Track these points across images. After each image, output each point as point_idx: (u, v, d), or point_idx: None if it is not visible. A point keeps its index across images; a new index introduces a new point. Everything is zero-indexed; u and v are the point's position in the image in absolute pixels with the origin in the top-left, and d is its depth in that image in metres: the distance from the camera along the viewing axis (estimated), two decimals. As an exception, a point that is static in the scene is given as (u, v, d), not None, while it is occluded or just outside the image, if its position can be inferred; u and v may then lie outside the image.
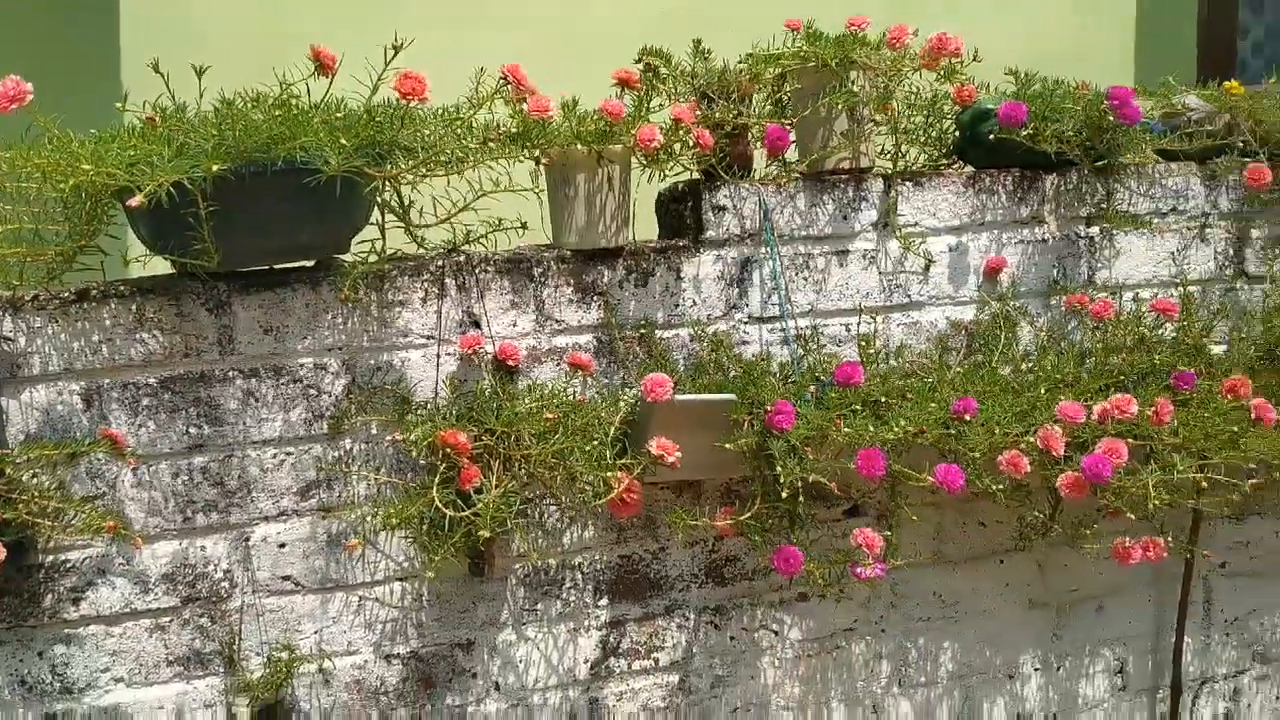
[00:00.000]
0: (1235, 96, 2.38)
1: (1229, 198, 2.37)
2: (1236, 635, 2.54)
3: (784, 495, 1.78)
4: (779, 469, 1.77)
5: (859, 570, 1.88)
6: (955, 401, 1.89)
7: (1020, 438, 1.87)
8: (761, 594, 2.13)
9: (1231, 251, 2.40)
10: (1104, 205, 2.27)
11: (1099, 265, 2.29)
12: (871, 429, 1.82)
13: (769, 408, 1.81)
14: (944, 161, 2.27)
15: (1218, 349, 2.30)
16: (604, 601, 2.03)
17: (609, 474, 1.76)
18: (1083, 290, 2.25)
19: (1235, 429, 1.96)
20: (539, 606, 1.99)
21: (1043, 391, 1.99)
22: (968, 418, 1.86)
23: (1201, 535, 2.42)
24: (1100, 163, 2.20)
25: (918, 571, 2.23)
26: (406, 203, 1.81)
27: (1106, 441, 1.86)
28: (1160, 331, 2.25)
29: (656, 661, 2.08)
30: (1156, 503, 1.86)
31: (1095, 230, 2.28)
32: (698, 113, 1.94)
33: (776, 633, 2.16)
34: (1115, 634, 2.43)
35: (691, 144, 1.87)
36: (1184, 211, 2.35)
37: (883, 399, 1.94)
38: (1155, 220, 2.32)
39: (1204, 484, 1.92)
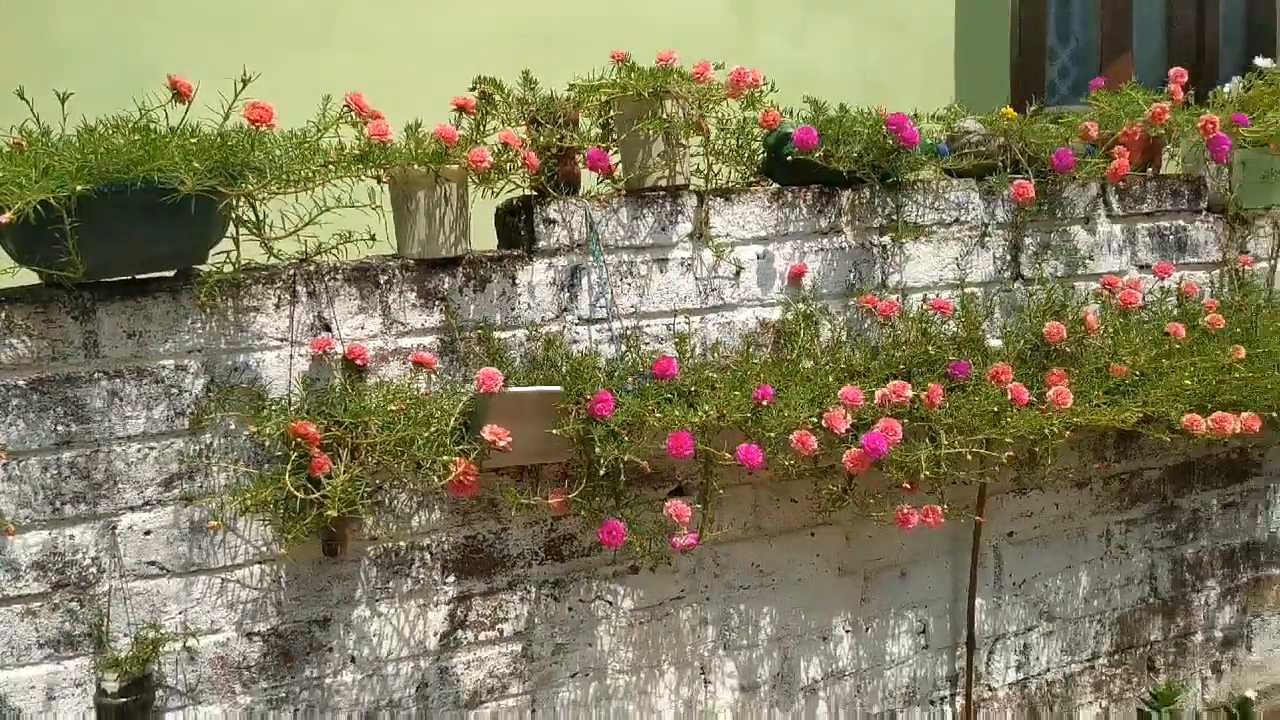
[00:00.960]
0: (1008, 121, 2.71)
1: (1004, 209, 2.70)
2: (1024, 596, 2.87)
3: (602, 473, 2.01)
4: (598, 450, 2.00)
5: (675, 539, 2.13)
6: (756, 389, 2.15)
7: (810, 419, 2.14)
8: (596, 568, 2.37)
9: (1008, 257, 2.73)
10: (894, 217, 2.58)
11: (891, 270, 2.59)
12: (679, 413, 2.07)
13: (590, 397, 2.04)
14: (754, 179, 2.54)
15: (995, 342, 2.63)
16: (451, 579, 2.24)
17: (447, 458, 1.97)
18: (876, 292, 2.55)
19: (996, 409, 2.27)
20: (390, 584, 2.19)
21: (831, 380, 2.27)
22: (765, 403, 2.13)
23: (990, 509, 2.75)
24: (887, 180, 2.50)
25: (738, 545, 2.50)
26: (260, 217, 1.99)
27: (884, 421, 2.15)
28: (944, 328, 2.57)
29: (501, 632, 2.29)
30: (928, 473, 2.15)
31: (887, 239, 2.58)
32: (525, 137, 2.18)
33: (611, 603, 2.39)
34: (917, 598, 2.73)
35: (520, 164, 2.10)
36: (965, 222, 2.67)
37: (694, 389, 2.19)
38: (940, 230, 2.63)
39: (969, 456, 2.22)
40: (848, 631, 2.65)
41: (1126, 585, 3.01)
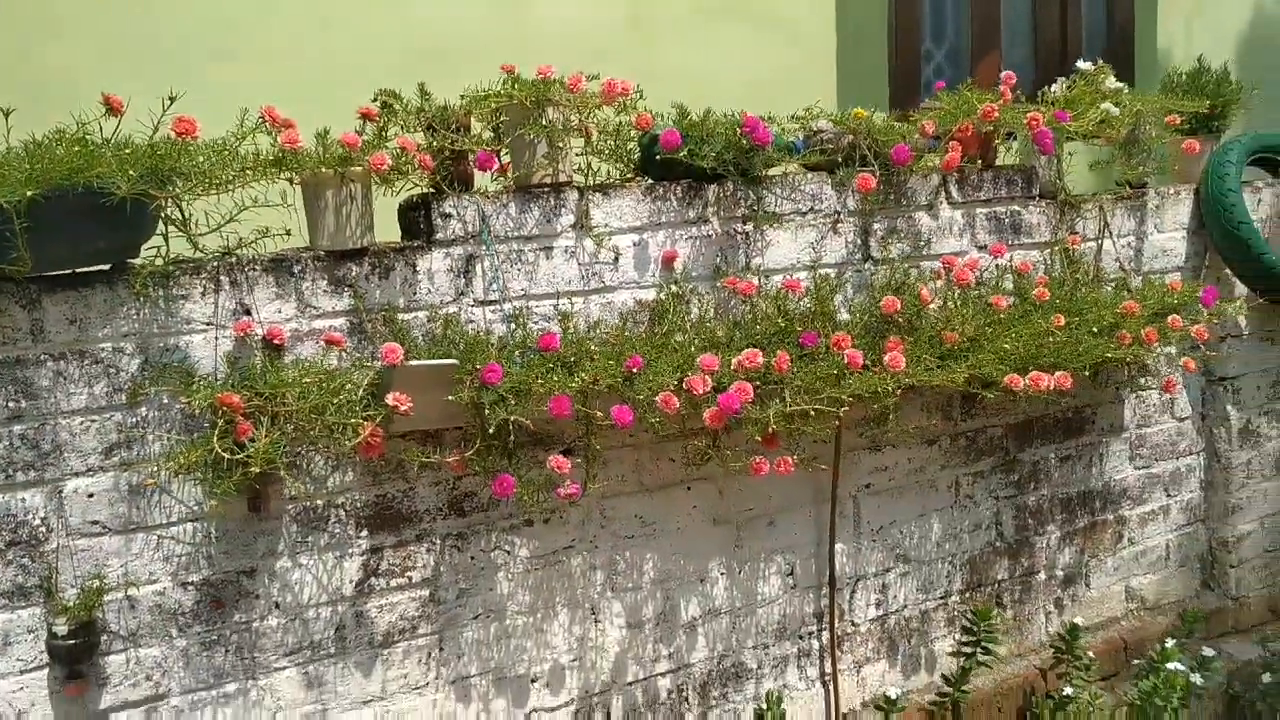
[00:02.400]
0: (858, 120, 3.06)
1: (854, 199, 3.06)
2: (881, 541, 3.24)
3: (492, 433, 2.33)
4: (488, 413, 2.32)
5: (559, 490, 2.46)
6: (628, 359, 2.48)
7: (672, 383, 2.47)
8: (495, 522, 2.68)
9: (859, 240, 3.09)
10: (755, 207, 2.92)
11: (754, 254, 2.93)
12: (558, 380, 2.39)
13: (481, 368, 2.35)
14: (631, 176, 2.86)
15: (845, 316, 2.98)
16: (364, 533, 2.54)
17: (356, 422, 2.27)
18: (740, 274, 2.89)
19: (836, 372, 2.63)
20: (309, 539, 2.48)
21: (694, 350, 2.60)
22: (635, 370, 2.46)
23: (848, 464, 3.12)
24: (746, 175, 2.84)
25: (622, 499, 2.83)
26: (187, 216, 2.27)
27: (738, 384, 2.49)
28: (801, 304, 2.91)
29: (410, 579, 2.60)
30: (776, 427, 2.51)
31: (750, 227, 2.92)
32: (421, 141, 2.48)
33: (509, 552, 2.71)
34: (785, 544, 3.08)
35: (416, 165, 2.40)
36: (820, 211, 3.02)
37: (575, 360, 2.51)
38: (797, 218, 2.98)
39: (812, 413, 2.57)
40: (723, 574, 3.00)
41: (975, 530, 3.40)
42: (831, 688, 3.15)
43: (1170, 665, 3.13)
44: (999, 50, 5.21)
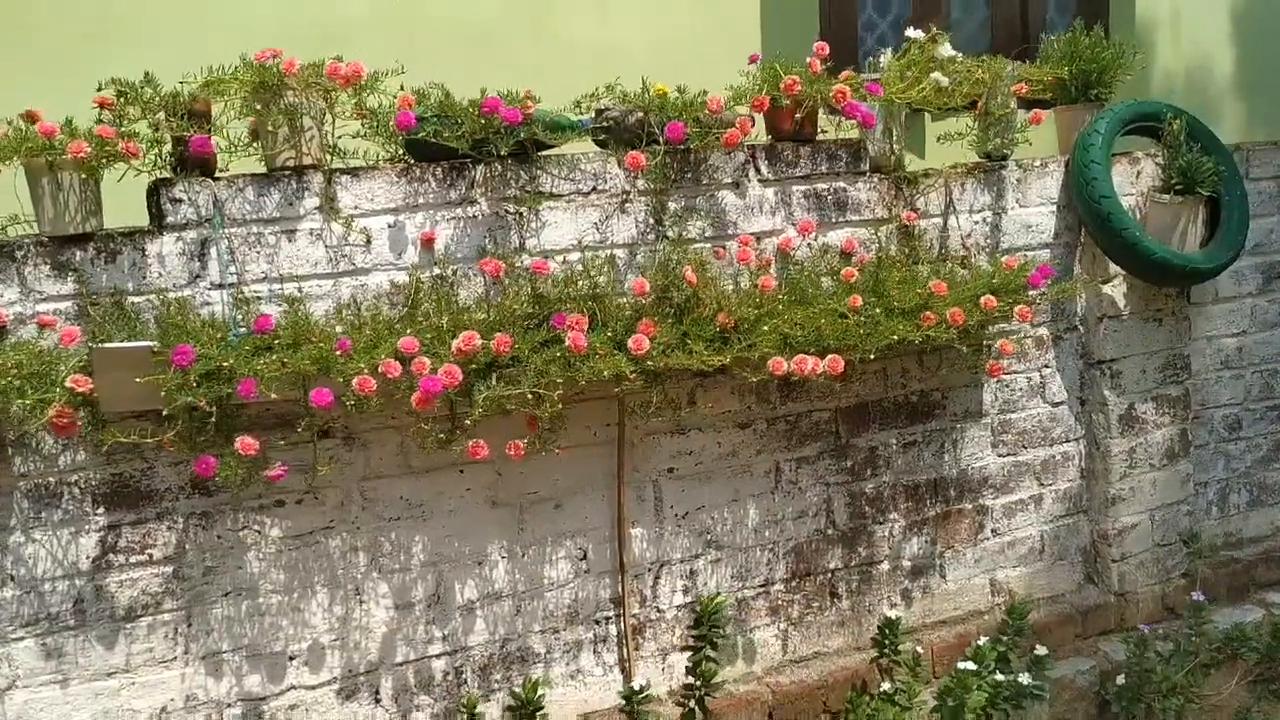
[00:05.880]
0: (649, 98, 2.98)
1: (646, 177, 2.99)
2: (688, 526, 3.17)
3: (165, 413, 2.37)
4: (163, 396, 2.36)
5: (267, 472, 2.48)
6: (339, 341, 2.48)
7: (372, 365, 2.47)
8: (243, 502, 2.72)
9: (651, 220, 3.01)
10: (529, 187, 2.88)
11: (528, 235, 2.89)
12: (261, 363, 2.41)
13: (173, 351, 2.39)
14: (400, 157, 2.85)
15: (623, 298, 2.91)
16: (101, 510, 2.60)
17: (50, 398, 2.33)
18: (514, 255, 2.85)
19: (559, 353, 2.58)
20: (43, 515, 2.56)
21: (428, 333, 2.59)
22: (338, 353, 2.46)
23: (648, 447, 3.07)
24: (517, 155, 2.80)
25: (386, 480, 2.84)
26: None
27: (446, 367, 2.47)
28: (579, 285, 2.86)
29: (151, 556, 2.66)
30: (481, 410, 2.48)
31: (524, 207, 2.88)
32: (149, 127, 2.53)
33: (259, 532, 2.74)
34: (575, 527, 3.04)
35: (120, 152, 2.44)
36: (605, 190, 2.96)
37: (295, 342, 2.53)
38: (578, 198, 2.93)
39: (529, 395, 2.54)
40: (504, 558, 2.98)
41: (800, 518, 3.30)
42: (628, 672, 3.11)
43: (964, 665, 2.98)
44: (942, 17, 5.00)
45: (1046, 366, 3.59)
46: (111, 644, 2.64)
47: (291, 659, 2.80)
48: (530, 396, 2.55)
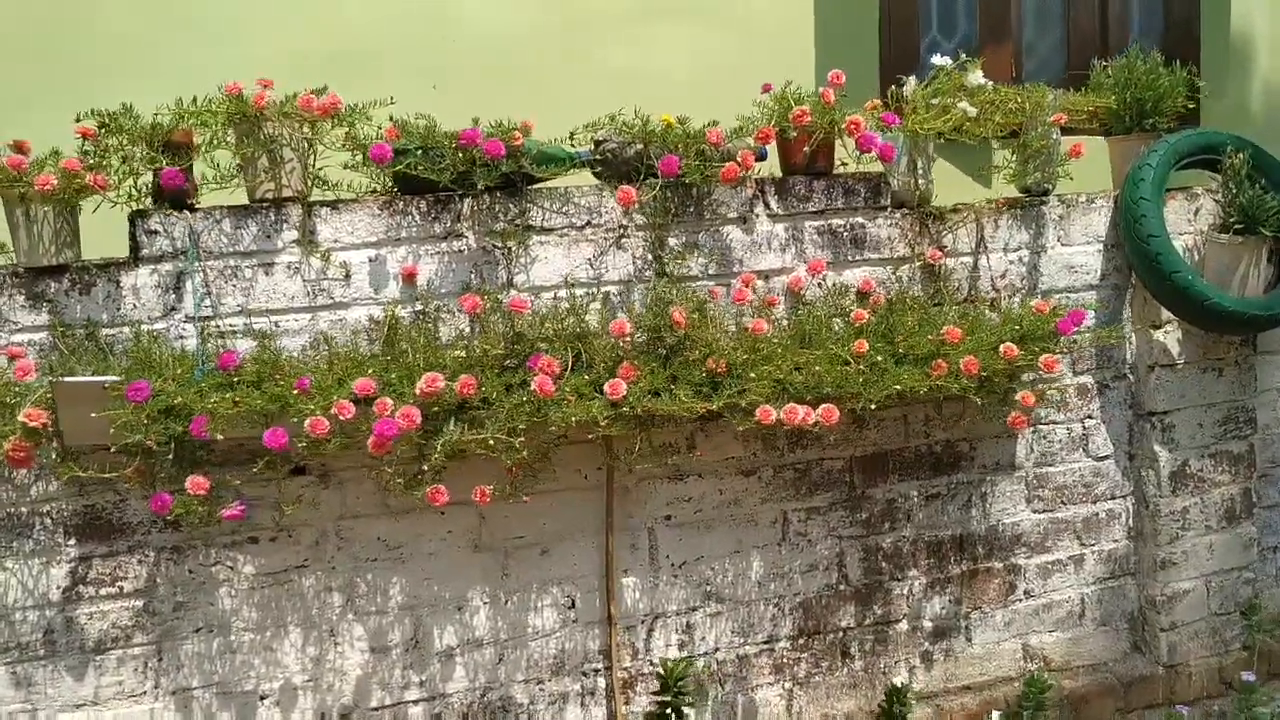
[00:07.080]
0: (649, 130, 2.85)
1: (645, 212, 2.86)
2: (685, 577, 3.02)
3: (113, 449, 2.34)
4: (112, 432, 2.32)
5: (224, 511, 2.43)
6: (298, 380, 2.42)
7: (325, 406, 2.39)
8: (215, 537, 2.68)
9: (650, 256, 2.88)
10: (518, 221, 2.78)
11: (517, 270, 2.79)
12: (215, 399, 2.36)
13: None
14: (387, 190, 2.78)
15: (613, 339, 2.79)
16: (73, 541, 2.59)
17: (4, 433, 2.32)
18: (501, 292, 2.75)
19: (527, 397, 2.46)
20: (14, 544, 2.56)
21: (392, 373, 2.50)
22: (295, 391, 2.39)
23: (643, 493, 2.94)
24: (491, 186, 2.70)
25: (363, 520, 2.77)
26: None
27: (405, 409, 2.38)
28: (567, 322, 2.74)
29: (121, 589, 2.63)
30: (440, 454, 2.38)
31: (513, 242, 2.78)
32: (123, 160, 2.51)
33: (232, 568, 2.70)
34: (563, 574, 2.92)
35: (90, 185, 2.43)
36: (600, 224, 2.84)
37: (259, 379, 2.47)
38: (571, 232, 2.82)
39: (492, 441, 2.43)
40: (486, 603, 2.88)
41: (810, 571, 3.11)
42: (615, 729, 2.97)
43: (966, 741, 2.76)
44: (1011, 42, 4.74)
45: (1090, 417, 3.32)
46: (81, 675, 2.63)
47: (263, 698, 2.75)
48: (495, 441, 2.44)
